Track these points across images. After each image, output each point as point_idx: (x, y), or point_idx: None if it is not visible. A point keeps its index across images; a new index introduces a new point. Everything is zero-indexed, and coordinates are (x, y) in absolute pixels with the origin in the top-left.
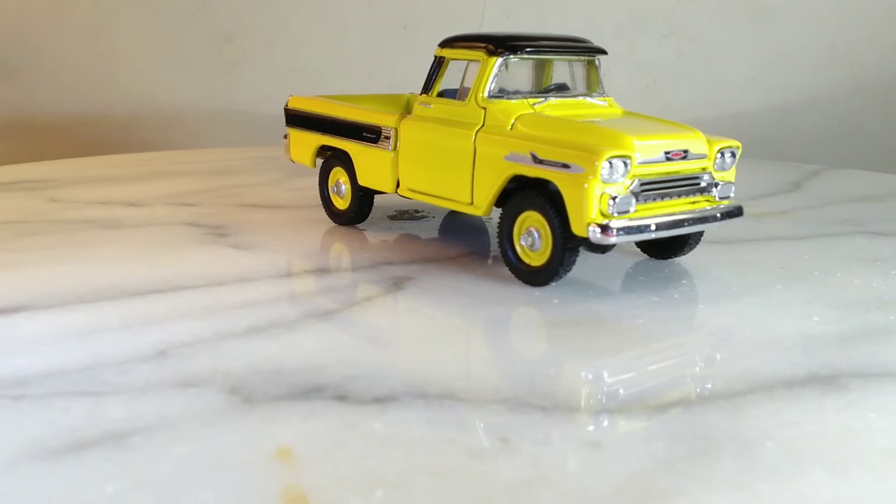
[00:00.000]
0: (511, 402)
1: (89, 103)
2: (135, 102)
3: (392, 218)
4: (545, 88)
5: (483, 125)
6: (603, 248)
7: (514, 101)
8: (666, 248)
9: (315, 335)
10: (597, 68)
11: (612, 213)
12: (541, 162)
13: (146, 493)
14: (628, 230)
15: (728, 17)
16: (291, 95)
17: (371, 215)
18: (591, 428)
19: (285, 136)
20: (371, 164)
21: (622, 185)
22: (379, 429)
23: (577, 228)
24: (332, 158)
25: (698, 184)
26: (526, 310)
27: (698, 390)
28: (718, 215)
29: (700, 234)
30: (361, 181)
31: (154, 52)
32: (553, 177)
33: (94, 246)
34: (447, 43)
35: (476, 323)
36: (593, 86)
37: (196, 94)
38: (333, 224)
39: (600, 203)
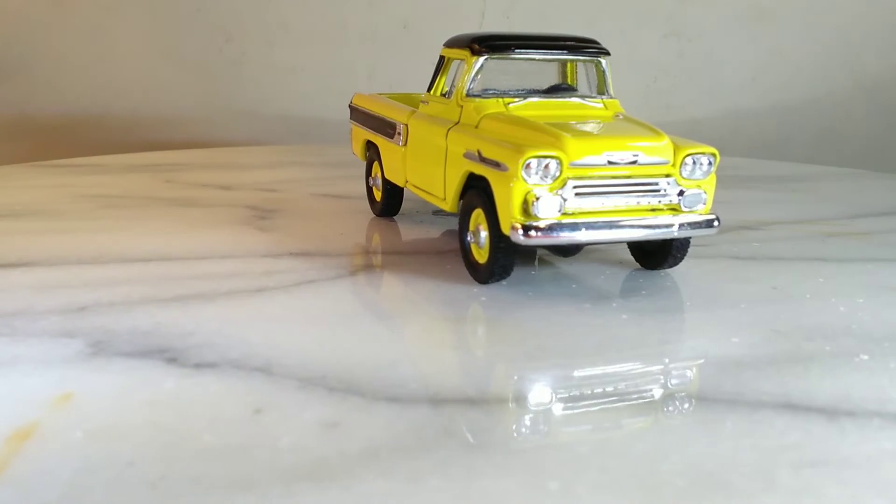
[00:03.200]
0: (309, 382)
1: (89, 103)
2: (135, 102)
3: (436, 213)
4: (548, 88)
5: (457, 123)
6: (564, 252)
7: (488, 99)
8: (652, 257)
9: (222, 307)
10: (599, 69)
11: (536, 214)
12: (483, 160)
13: None
14: (553, 233)
15: (728, 17)
16: (356, 93)
17: (418, 209)
18: (348, 411)
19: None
20: (390, 159)
21: (550, 187)
22: (166, 388)
23: (504, 227)
24: (373, 152)
25: (656, 191)
26: (439, 305)
27: (496, 390)
28: (676, 225)
29: (684, 245)
30: (386, 174)
31: (154, 52)
32: (489, 175)
33: (150, 220)
34: (449, 43)
35: (374, 311)
36: (592, 87)
37: (196, 94)
38: (374, 215)
39: (527, 203)
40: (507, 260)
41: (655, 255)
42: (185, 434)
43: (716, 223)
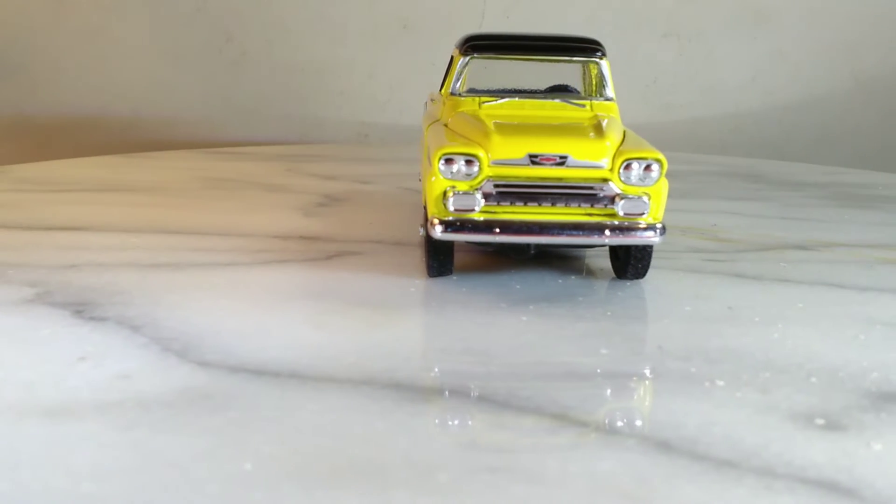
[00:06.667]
0: (157, 341)
1: (89, 103)
2: (135, 102)
3: None
4: (546, 89)
5: (437, 121)
6: (518, 251)
7: (465, 98)
8: (619, 265)
9: (180, 275)
10: (595, 70)
11: (450, 210)
12: (429, 157)
13: None
14: (465, 230)
15: (728, 17)
16: (431, 92)
17: None
18: (154, 368)
19: None
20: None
21: (469, 184)
22: (41, 334)
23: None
24: None
25: (591, 195)
26: (361, 291)
27: (301, 368)
28: (607, 232)
29: (644, 255)
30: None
31: (154, 52)
32: (424, 170)
33: (228, 200)
34: (456, 42)
35: (297, 290)
36: (584, 88)
37: (196, 94)
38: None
39: (445, 198)
40: (443, 255)
41: (621, 262)
42: (6, 367)
43: (657, 232)
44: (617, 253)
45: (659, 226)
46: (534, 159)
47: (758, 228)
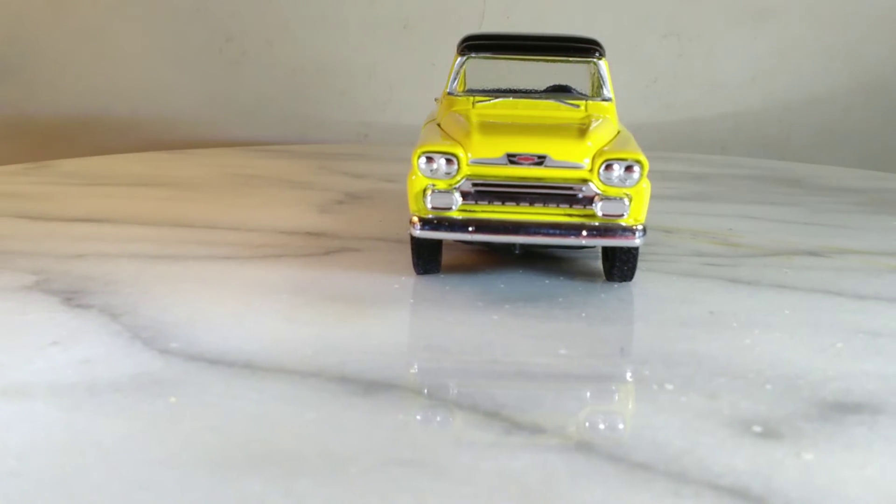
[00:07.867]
0: (129, 329)
1: (89, 103)
2: (135, 103)
3: None
4: (545, 89)
5: (433, 120)
6: (504, 250)
7: (460, 97)
8: (608, 268)
9: (177, 267)
10: (593, 70)
11: (429, 208)
12: None
13: None
14: (441, 228)
15: (728, 17)
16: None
17: None
18: (116, 354)
19: None
20: None
21: (448, 182)
22: (26, 318)
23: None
24: None
25: (570, 196)
26: (343, 287)
27: (255, 357)
28: (584, 233)
29: (629, 256)
30: None
31: (154, 52)
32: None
33: (251, 196)
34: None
35: (280, 284)
36: (590, 88)
37: (196, 94)
38: None
39: (423, 197)
40: (428, 253)
41: (609, 264)
42: None
43: (637, 234)
44: (607, 254)
45: (639, 227)
46: (512, 159)
47: (774, 233)
